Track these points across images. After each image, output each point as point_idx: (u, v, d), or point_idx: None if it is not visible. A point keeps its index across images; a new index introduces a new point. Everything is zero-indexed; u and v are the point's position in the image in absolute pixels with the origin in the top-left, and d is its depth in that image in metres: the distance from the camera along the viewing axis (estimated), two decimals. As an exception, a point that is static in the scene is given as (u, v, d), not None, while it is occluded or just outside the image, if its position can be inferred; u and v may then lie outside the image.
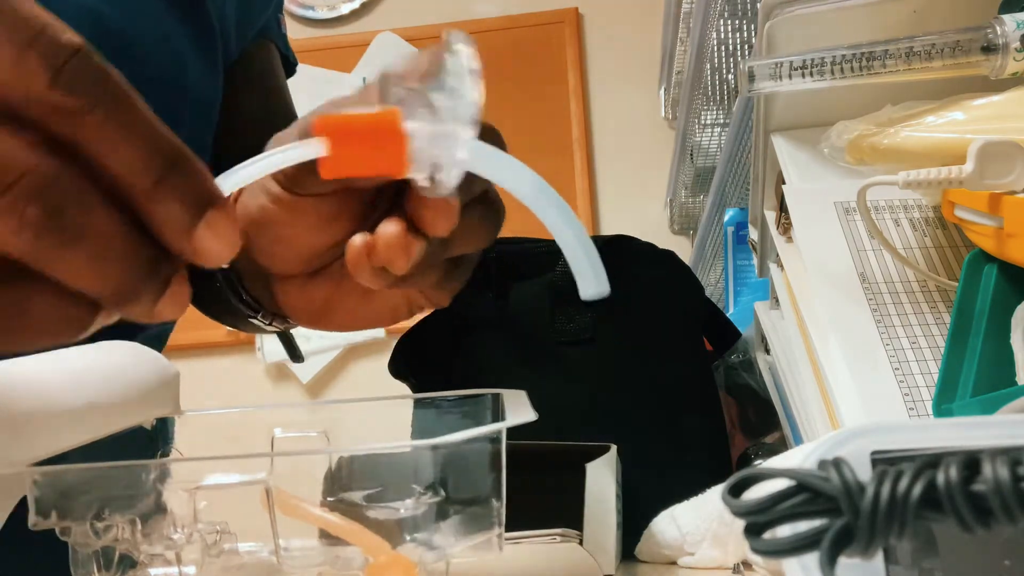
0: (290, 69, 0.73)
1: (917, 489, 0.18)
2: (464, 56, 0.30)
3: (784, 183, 0.60)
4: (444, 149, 0.29)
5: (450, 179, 0.30)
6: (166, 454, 0.41)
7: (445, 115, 0.29)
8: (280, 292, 0.43)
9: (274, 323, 0.49)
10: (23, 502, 0.32)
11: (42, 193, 0.23)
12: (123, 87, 0.25)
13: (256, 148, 0.65)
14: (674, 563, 0.49)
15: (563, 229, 0.30)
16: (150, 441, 0.40)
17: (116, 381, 0.37)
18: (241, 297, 0.46)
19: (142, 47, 0.54)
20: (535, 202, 0.30)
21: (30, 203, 0.23)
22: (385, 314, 0.43)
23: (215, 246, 0.26)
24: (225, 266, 0.43)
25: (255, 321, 0.47)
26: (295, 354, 0.53)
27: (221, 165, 0.30)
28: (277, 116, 0.68)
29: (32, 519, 0.31)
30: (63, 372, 0.35)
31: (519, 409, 0.35)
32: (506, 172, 0.30)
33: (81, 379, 0.35)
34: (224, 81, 0.63)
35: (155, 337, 0.62)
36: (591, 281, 0.31)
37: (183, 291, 0.26)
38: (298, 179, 0.35)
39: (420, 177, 0.30)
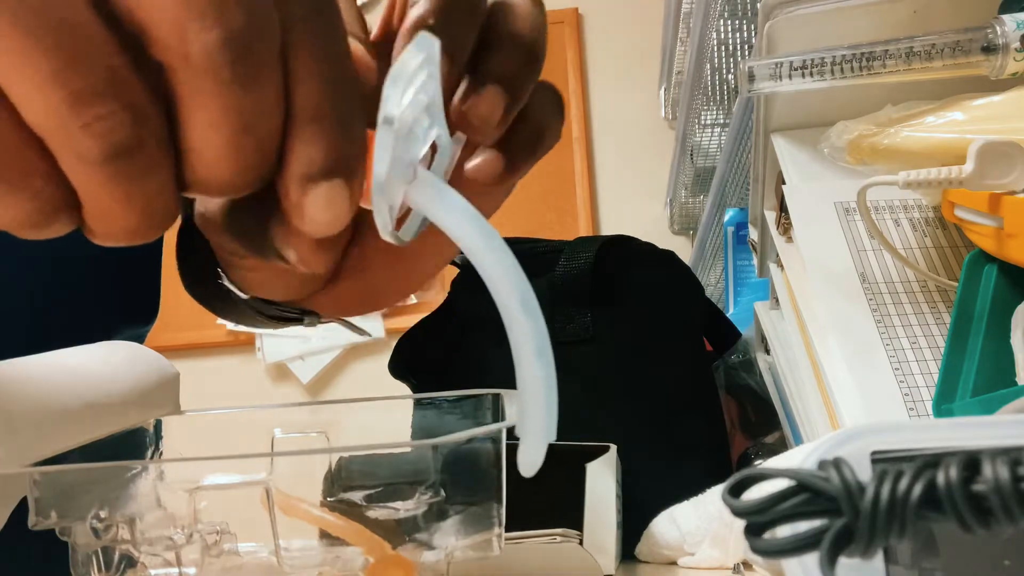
0: None
1: (917, 489, 0.18)
2: (412, 59, 0.24)
3: (784, 183, 0.60)
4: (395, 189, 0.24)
5: (381, 224, 0.25)
6: (156, 453, 0.41)
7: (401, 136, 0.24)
8: (310, 304, 0.40)
9: (322, 321, 0.46)
10: (23, 502, 0.32)
11: (133, 129, 0.21)
12: (332, 21, 0.24)
13: None
14: (674, 563, 0.49)
15: (524, 341, 0.24)
16: (150, 441, 0.40)
17: (116, 381, 0.37)
18: (280, 316, 0.44)
19: None
20: (488, 271, 0.24)
21: (234, 7, 0.21)
22: (420, 271, 0.38)
23: (322, 215, 0.24)
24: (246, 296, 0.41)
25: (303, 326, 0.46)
26: (360, 330, 0.51)
27: None
28: None
29: (32, 519, 0.31)
30: (63, 372, 0.35)
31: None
32: (457, 225, 0.24)
33: (81, 379, 0.35)
34: None
35: (133, 339, 0.63)
36: (534, 451, 0.25)
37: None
38: (308, 260, 0.29)
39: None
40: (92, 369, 0.36)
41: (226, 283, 0.42)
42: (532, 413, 0.25)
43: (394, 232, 0.25)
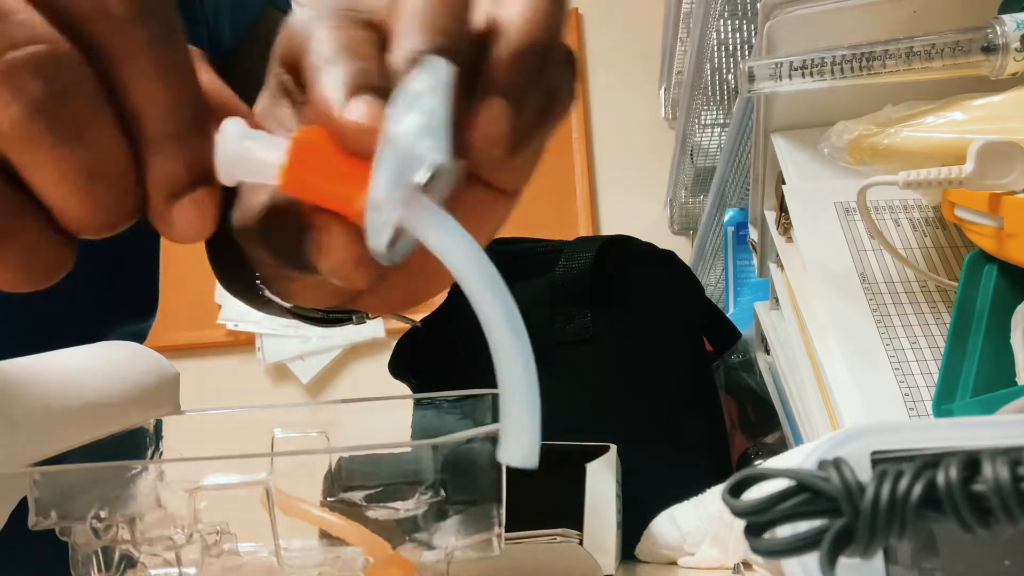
0: None
1: (917, 489, 0.18)
2: (421, 81, 0.25)
3: (784, 183, 0.60)
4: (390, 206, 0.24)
5: (375, 242, 0.25)
6: (156, 453, 0.41)
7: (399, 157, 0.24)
8: (355, 306, 0.40)
9: (371, 317, 0.45)
10: (23, 502, 0.32)
11: (47, 71, 0.21)
12: (178, 28, 0.24)
13: None
14: (674, 563, 0.49)
15: (505, 351, 0.24)
16: (150, 441, 0.40)
17: (116, 381, 0.37)
18: (327, 320, 0.43)
19: None
20: (478, 298, 0.24)
21: (31, 75, 0.21)
22: None
23: (189, 225, 0.24)
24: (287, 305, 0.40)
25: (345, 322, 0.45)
26: (410, 320, 0.50)
27: None
28: None
29: (32, 519, 0.31)
30: (63, 372, 0.35)
31: None
32: (451, 249, 0.24)
33: (81, 379, 0.35)
34: (239, 54, 0.63)
35: (133, 335, 0.63)
36: (518, 443, 0.24)
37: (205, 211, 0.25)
38: (350, 276, 0.28)
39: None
40: (92, 369, 0.36)
41: (267, 294, 0.41)
42: (513, 405, 0.24)
43: (387, 250, 0.25)
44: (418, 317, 0.73)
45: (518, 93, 0.28)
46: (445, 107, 0.24)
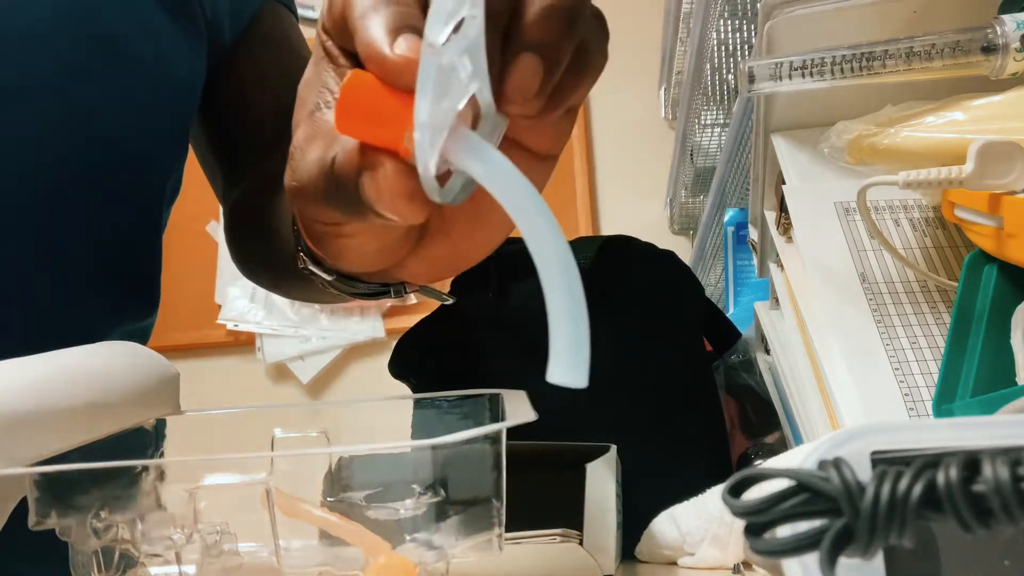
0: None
1: (917, 489, 0.18)
2: (475, 25, 0.25)
3: (784, 183, 0.60)
4: (440, 139, 0.25)
5: (423, 169, 0.26)
6: (157, 453, 0.41)
7: (452, 97, 0.25)
8: (399, 273, 0.40)
9: (407, 291, 0.46)
10: (23, 502, 0.32)
11: None
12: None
13: (278, 100, 0.65)
14: (674, 563, 0.49)
15: (555, 281, 0.24)
16: (150, 441, 0.40)
17: (116, 381, 0.37)
18: (367, 293, 0.44)
19: (123, 31, 0.54)
20: (534, 237, 0.25)
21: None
22: (502, 224, 0.39)
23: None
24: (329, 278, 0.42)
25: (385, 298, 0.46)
26: (443, 296, 0.50)
27: (243, 126, 0.29)
28: (294, 70, 0.68)
29: (32, 519, 0.31)
30: (63, 372, 0.35)
31: (519, 409, 0.35)
32: (504, 184, 0.25)
33: (81, 379, 0.35)
34: (235, 48, 0.63)
35: (134, 333, 0.63)
36: (566, 363, 0.24)
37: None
38: (403, 211, 0.30)
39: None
40: (92, 369, 0.36)
41: (310, 267, 0.42)
42: (560, 325, 0.25)
43: (435, 185, 0.26)
44: (419, 317, 0.73)
45: (550, 49, 0.29)
46: (480, 30, 0.25)
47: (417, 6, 0.29)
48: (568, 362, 0.24)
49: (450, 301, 0.48)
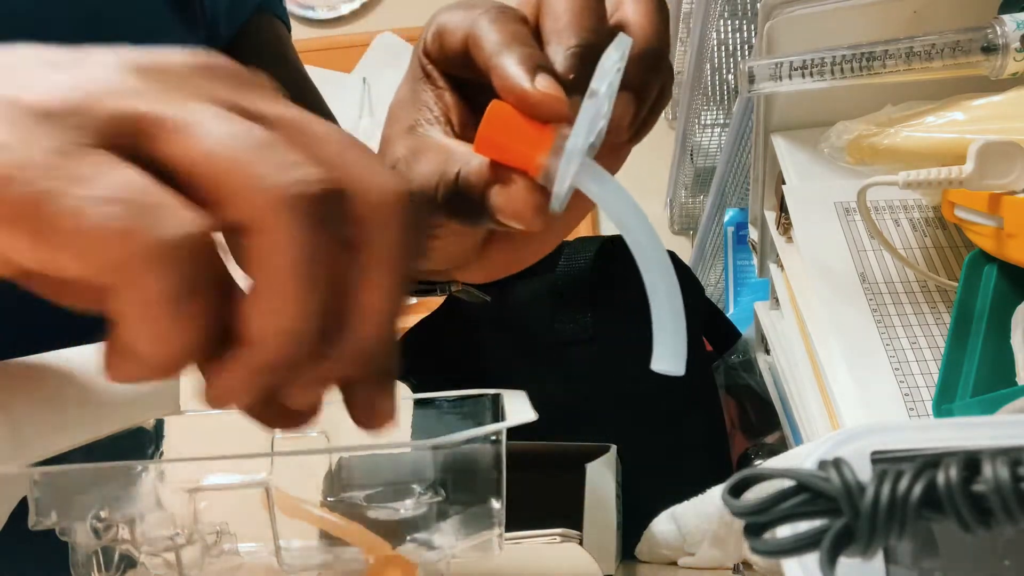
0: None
1: (917, 489, 0.18)
2: (613, 62, 0.31)
3: (784, 183, 0.60)
4: (565, 164, 0.31)
5: (560, 194, 0.31)
6: (157, 453, 0.41)
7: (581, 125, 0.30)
8: (460, 274, 0.44)
9: (453, 291, 0.50)
10: (23, 502, 0.32)
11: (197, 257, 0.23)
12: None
13: None
14: (674, 563, 0.49)
15: (657, 284, 0.30)
16: (149, 441, 0.40)
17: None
18: (417, 291, 0.48)
19: (121, 24, 0.54)
20: (635, 243, 0.30)
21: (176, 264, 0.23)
22: (560, 229, 0.43)
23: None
24: None
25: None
26: (481, 297, 0.53)
27: None
28: (289, 83, 0.68)
29: (32, 519, 0.31)
30: (64, 371, 0.35)
31: (519, 409, 0.35)
32: (616, 204, 0.31)
33: (82, 378, 0.35)
34: (235, 56, 0.63)
35: None
36: (667, 354, 0.30)
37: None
38: (530, 220, 0.34)
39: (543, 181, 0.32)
40: (93, 368, 0.36)
41: None
42: (662, 320, 0.30)
43: (563, 201, 0.31)
44: (419, 317, 0.73)
45: (642, 89, 0.35)
46: (619, 80, 0.31)
47: (537, 46, 0.34)
48: (670, 353, 0.30)
49: (487, 299, 0.52)
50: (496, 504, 0.33)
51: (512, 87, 0.32)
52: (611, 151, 0.37)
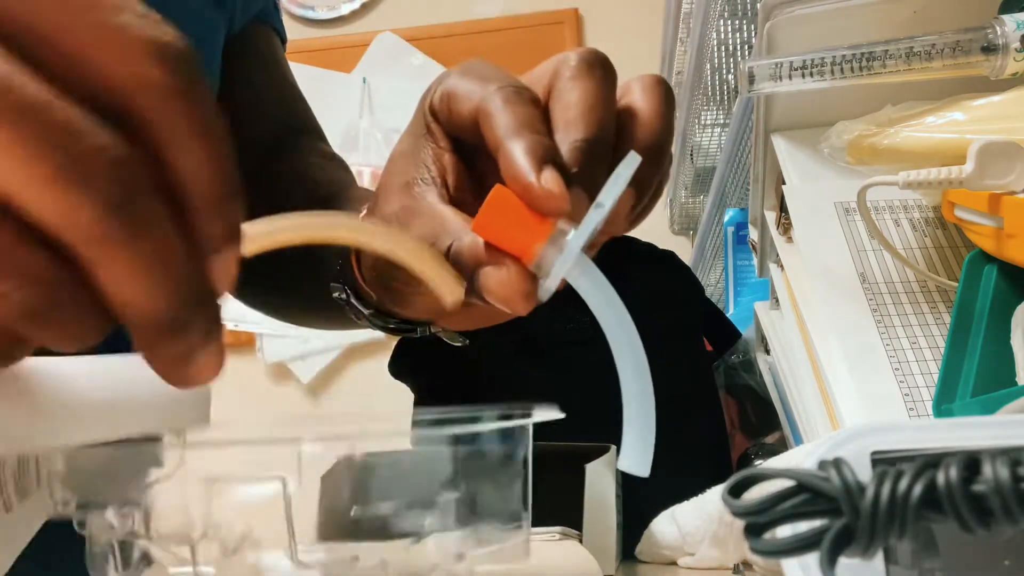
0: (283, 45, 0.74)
1: (917, 489, 0.18)
2: (625, 170, 0.32)
3: (784, 183, 0.60)
4: (558, 259, 0.32)
5: (551, 284, 0.33)
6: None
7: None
8: (440, 322, 0.45)
9: (431, 331, 0.49)
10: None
11: (115, 172, 0.22)
12: (211, 96, 0.24)
13: (270, 126, 0.61)
14: (674, 563, 0.49)
15: (631, 384, 0.32)
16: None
17: (145, 384, 0.37)
18: (396, 329, 0.48)
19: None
20: (615, 342, 0.32)
21: (103, 179, 0.22)
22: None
23: (222, 277, 0.25)
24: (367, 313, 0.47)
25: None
26: (460, 339, 0.53)
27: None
28: (288, 97, 0.68)
29: (50, 505, 0.31)
30: (91, 370, 0.35)
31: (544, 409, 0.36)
32: (602, 304, 0.32)
33: (110, 377, 0.35)
34: (229, 59, 0.63)
35: None
36: (633, 454, 0.32)
37: (222, 353, 0.25)
38: (518, 305, 0.35)
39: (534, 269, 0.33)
40: (123, 370, 0.36)
41: (353, 301, 0.46)
42: (631, 419, 0.32)
43: (551, 291, 0.33)
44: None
45: (643, 182, 0.35)
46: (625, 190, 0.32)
47: (551, 136, 0.34)
48: (637, 456, 0.32)
49: (466, 343, 0.52)
50: (522, 510, 0.33)
51: (518, 178, 0.32)
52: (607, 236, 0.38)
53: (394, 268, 0.37)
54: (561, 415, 0.35)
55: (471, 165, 0.39)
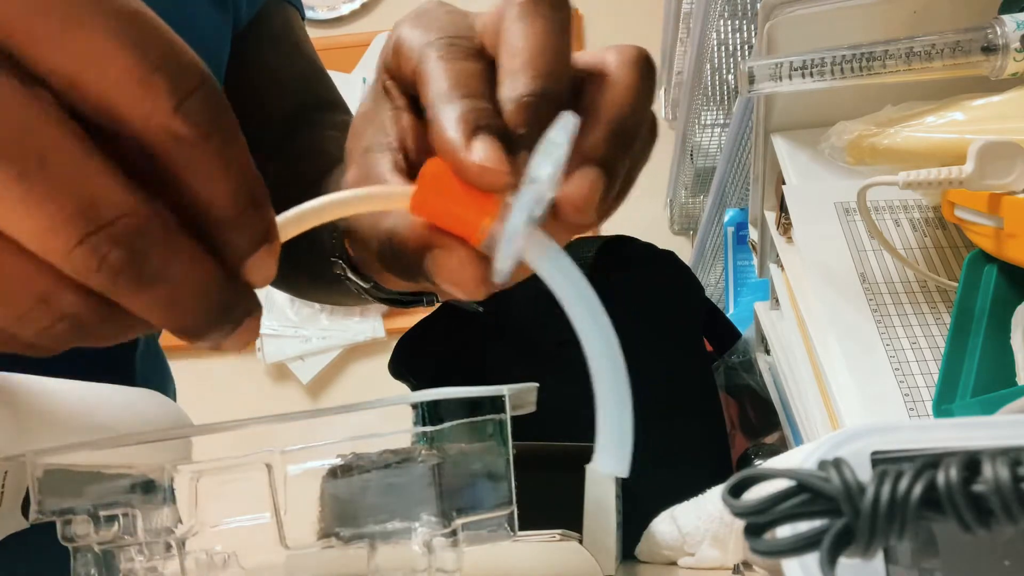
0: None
1: (917, 489, 0.18)
2: (559, 136, 0.27)
3: (784, 183, 0.60)
4: (507, 240, 0.28)
5: (500, 266, 0.28)
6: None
7: (523, 198, 0.27)
8: (440, 293, 0.42)
9: (438, 300, 0.47)
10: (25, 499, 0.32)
11: (132, 238, 0.22)
12: (234, 119, 0.24)
13: (289, 103, 0.60)
14: (674, 563, 0.49)
15: (602, 374, 0.27)
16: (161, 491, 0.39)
17: (129, 415, 0.37)
18: (399, 301, 0.46)
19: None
20: (583, 332, 0.28)
21: (116, 247, 0.22)
22: None
23: (258, 277, 0.26)
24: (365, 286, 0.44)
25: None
26: (472, 306, 0.52)
27: (249, 126, 0.28)
28: (305, 73, 0.68)
29: (33, 514, 0.31)
30: (79, 393, 0.35)
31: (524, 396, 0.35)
32: (561, 280, 0.28)
33: (99, 403, 0.35)
34: (244, 41, 0.63)
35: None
36: (608, 454, 0.27)
37: (253, 330, 0.26)
38: (474, 291, 0.31)
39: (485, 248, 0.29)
40: (112, 399, 0.36)
41: (349, 274, 0.44)
42: (606, 415, 0.28)
43: (507, 274, 0.29)
44: (419, 318, 0.73)
45: (610, 166, 0.30)
46: (565, 157, 0.27)
47: (490, 97, 0.29)
48: (613, 454, 0.27)
49: (480, 308, 0.50)
50: (508, 507, 0.33)
51: (447, 151, 0.28)
52: (574, 231, 0.33)
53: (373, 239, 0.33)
54: (535, 384, 0.33)
55: None
